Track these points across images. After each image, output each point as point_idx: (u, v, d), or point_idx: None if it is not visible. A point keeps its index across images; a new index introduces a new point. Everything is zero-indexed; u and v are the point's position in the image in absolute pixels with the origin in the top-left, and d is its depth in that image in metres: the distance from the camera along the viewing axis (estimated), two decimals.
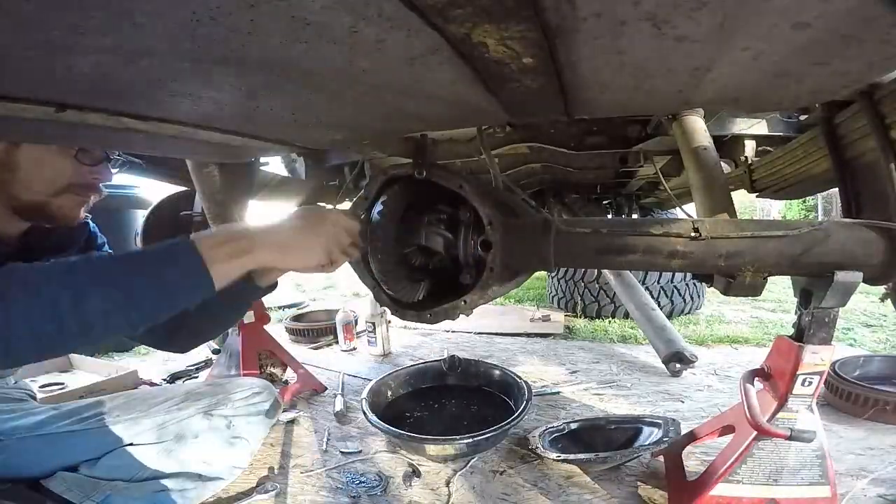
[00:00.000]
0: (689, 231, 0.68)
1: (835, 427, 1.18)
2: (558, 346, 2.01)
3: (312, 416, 1.37)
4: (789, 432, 0.74)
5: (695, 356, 1.60)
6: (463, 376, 1.48)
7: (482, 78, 0.42)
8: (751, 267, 0.68)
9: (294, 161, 1.49)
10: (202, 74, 0.41)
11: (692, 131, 0.90)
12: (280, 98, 0.51)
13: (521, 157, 1.44)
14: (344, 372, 1.72)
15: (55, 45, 0.32)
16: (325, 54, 0.36)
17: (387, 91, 0.47)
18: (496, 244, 0.69)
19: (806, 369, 0.73)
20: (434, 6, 0.28)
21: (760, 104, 0.53)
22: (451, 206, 0.78)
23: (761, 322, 2.35)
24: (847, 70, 0.39)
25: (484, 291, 0.72)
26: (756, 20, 0.30)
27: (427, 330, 2.31)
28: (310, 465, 1.10)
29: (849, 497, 0.90)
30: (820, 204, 10.00)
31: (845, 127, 0.77)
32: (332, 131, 0.70)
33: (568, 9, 0.29)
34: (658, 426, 1.07)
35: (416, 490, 0.99)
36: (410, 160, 0.72)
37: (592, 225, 0.72)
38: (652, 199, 2.28)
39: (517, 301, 3.01)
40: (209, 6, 0.28)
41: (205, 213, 1.28)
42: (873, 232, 0.67)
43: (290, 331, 2.27)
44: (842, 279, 0.67)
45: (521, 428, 1.20)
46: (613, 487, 0.97)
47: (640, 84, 0.44)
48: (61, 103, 0.46)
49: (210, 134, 0.64)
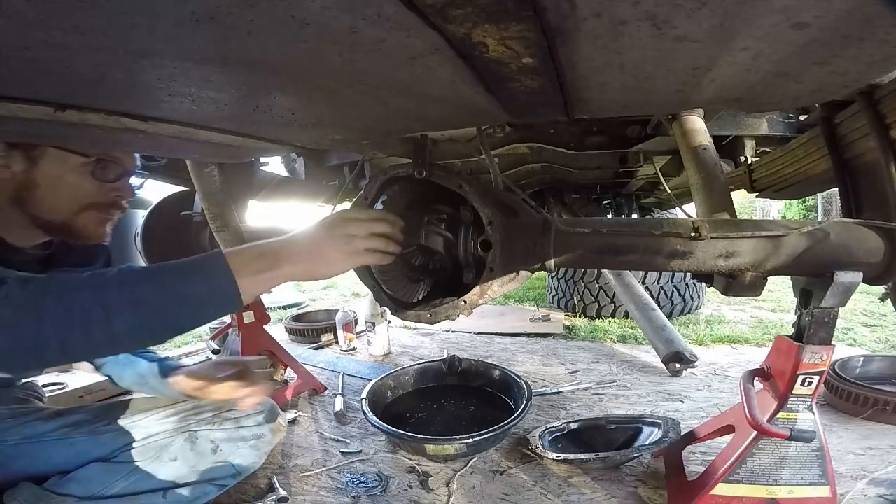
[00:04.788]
0: (689, 231, 0.68)
1: (835, 427, 1.18)
2: (558, 346, 2.02)
3: (312, 416, 1.37)
4: (789, 432, 0.74)
5: (695, 356, 1.61)
6: (463, 376, 1.49)
7: (482, 78, 0.42)
8: (751, 267, 0.68)
9: (294, 161, 1.49)
10: (202, 74, 0.41)
11: (692, 131, 0.90)
12: (280, 98, 0.51)
13: (521, 157, 1.44)
14: (344, 372, 1.72)
15: (55, 45, 0.32)
16: (325, 54, 0.36)
17: (387, 91, 0.47)
18: (496, 244, 0.69)
19: (806, 369, 0.73)
20: (434, 6, 0.28)
21: (760, 104, 0.53)
22: (452, 206, 0.78)
23: (761, 322, 2.35)
24: (847, 70, 0.39)
25: (484, 291, 0.72)
26: (756, 20, 0.30)
27: (427, 330, 2.31)
28: (310, 465, 1.09)
29: (849, 497, 0.90)
30: (820, 204, 10.01)
31: (845, 127, 0.77)
32: (332, 131, 0.70)
33: (568, 9, 0.29)
34: (658, 426, 1.08)
35: (416, 490, 0.99)
36: (410, 160, 0.72)
37: (592, 225, 0.72)
38: (652, 199, 2.28)
39: (517, 301, 3.01)
40: (209, 6, 0.28)
41: (205, 213, 1.28)
42: (873, 232, 0.67)
43: (290, 331, 2.27)
44: (842, 279, 0.67)
45: (521, 428, 1.20)
46: (613, 487, 0.97)
47: (640, 84, 0.44)
48: (61, 103, 0.46)
49: (210, 134, 0.64)
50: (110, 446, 0.82)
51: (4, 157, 0.65)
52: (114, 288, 0.51)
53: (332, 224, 0.63)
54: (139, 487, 0.79)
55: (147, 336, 0.53)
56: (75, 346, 0.50)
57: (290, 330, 2.27)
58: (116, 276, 0.52)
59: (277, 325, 2.40)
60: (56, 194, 0.70)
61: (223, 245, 1.33)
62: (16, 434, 0.79)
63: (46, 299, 0.49)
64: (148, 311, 0.51)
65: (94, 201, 0.73)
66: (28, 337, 0.48)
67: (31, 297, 0.49)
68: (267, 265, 0.58)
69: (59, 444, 0.81)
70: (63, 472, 0.78)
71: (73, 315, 0.49)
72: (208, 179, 1.21)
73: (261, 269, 0.57)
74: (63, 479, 0.77)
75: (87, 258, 0.84)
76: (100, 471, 0.79)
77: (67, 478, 0.77)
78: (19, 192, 0.68)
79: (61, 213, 0.71)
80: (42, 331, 0.48)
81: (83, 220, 0.73)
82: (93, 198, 0.72)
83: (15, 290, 0.49)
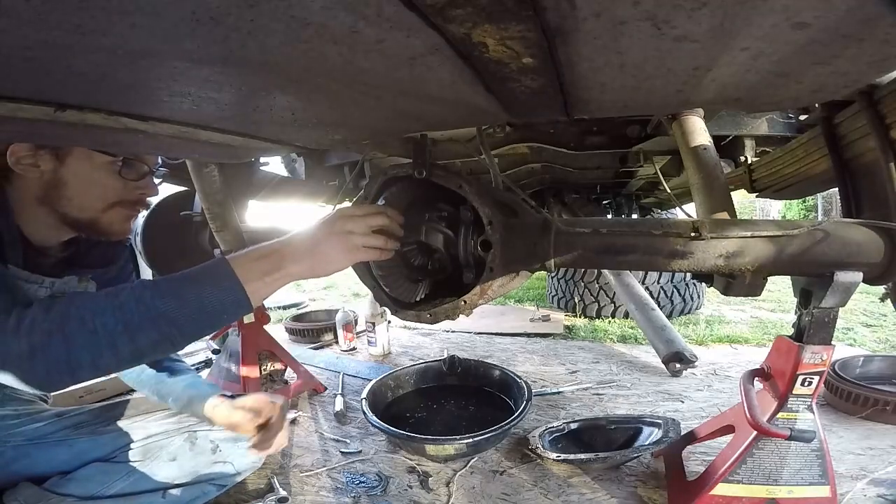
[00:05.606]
0: (689, 231, 0.68)
1: (835, 427, 1.18)
2: (558, 346, 2.02)
3: (312, 416, 1.37)
4: (789, 432, 0.74)
5: (695, 356, 1.61)
6: (463, 376, 1.49)
7: (482, 78, 0.42)
8: (751, 267, 0.68)
9: (294, 161, 1.49)
10: (202, 74, 0.41)
11: (692, 131, 0.90)
12: (280, 98, 0.51)
13: (521, 157, 1.44)
14: (344, 372, 1.72)
15: (55, 45, 0.32)
16: (325, 54, 0.36)
17: (387, 91, 0.47)
18: (496, 244, 0.69)
19: (806, 369, 0.73)
20: (434, 6, 0.28)
21: (760, 104, 0.53)
22: (452, 206, 0.78)
23: (761, 322, 2.35)
24: (847, 70, 0.39)
25: (484, 291, 0.72)
26: (756, 20, 0.30)
27: (427, 330, 2.31)
28: (310, 465, 1.10)
29: (849, 497, 0.90)
30: (820, 204, 10.01)
31: (845, 127, 0.77)
32: (332, 131, 0.70)
33: (568, 9, 0.29)
34: (658, 426, 1.08)
35: (416, 490, 0.99)
36: (410, 160, 0.72)
37: (592, 225, 0.72)
38: (652, 199, 2.28)
39: (517, 301, 3.01)
40: (209, 6, 0.28)
41: (205, 213, 1.28)
42: (873, 232, 0.67)
43: (290, 331, 2.27)
44: (842, 279, 0.67)
45: (521, 428, 1.20)
46: (613, 487, 0.97)
47: (640, 84, 0.44)
48: (61, 103, 0.46)
49: (210, 134, 0.64)
50: (110, 446, 0.83)
51: (33, 157, 0.66)
52: (132, 306, 0.54)
53: (331, 221, 0.64)
54: (138, 487, 0.79)
55: (168, 347, 0.56)
56: (105, 364, 0.54)
57: (290, 330, 2.27)
58: (132, 295, 0.55)
59: (277, 325, 2.40)
60: (84, 192, 0.71)
61: (223, 245, 1.33)
62: (19, 435, 0.79)
63: (71, 324, 0.53)
64: (167, 324, 0.54)
65: (121, 199, 0.74)
66: (62, 361, 0.52)
67: (57, 324, 0.53)
68: (271, 267, 0.59)
69: (60, 445, 0.81)
70: (63, 473, 0.78)
71: (100, 338, 0.52)
72: (208, 179, 1.21)
73: (265, 272, 0.58)
74: (63, 479, 0.77)
75: (110, 257, 0.86)
76: (99, 471, 0.79)
77: (67, 478, 0.77)
78: (47, 190, 0.69)
79: (89, 211, 0.72)
80: (72, 354, 0.52)
81: (109, 218, 0.74)
82: (119, 195, 0.74)
83: (40, 318, 0.53)
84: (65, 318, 0.53)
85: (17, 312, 0.54)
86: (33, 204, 0.70)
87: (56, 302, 0.55)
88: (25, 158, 0.66)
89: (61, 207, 0.71)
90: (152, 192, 0.79)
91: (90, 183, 0.71)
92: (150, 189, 0.79)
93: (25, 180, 0.68)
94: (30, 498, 0.73)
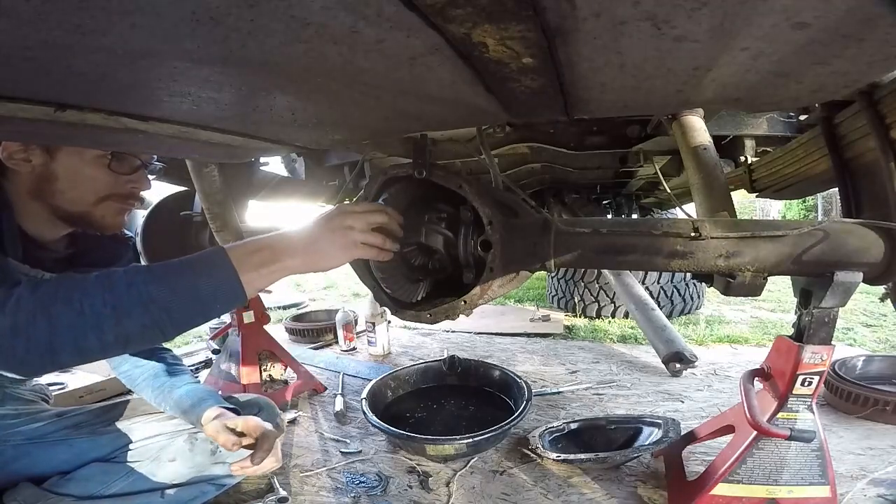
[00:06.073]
0: (689, 231, 0.68)
1: (835, 427, 1.18)
2: (558, 346, 2.02)
3: (312, 416, 1.37)
4: (789, 432, 0.74)
5: (695, 356, 1.61)
6: (463, 376, 1.49)
7: (482, 78, 0.42)
8: (751, 267, 0.68)
9: (294, 161, 1.49)
10: (202, 74, 0.41)
11: (692, 131, 0.90)
12: (280, 98, 0.51)
13: (521, 157, 1.44)
14: (344, 372, 1.72)
15: (55, 45, 0.32)
16: (325, 54, 0.36)
17: (387, 91, 0.47)
18: (496, 244, 0.69)
19: (806, 369, 0.73)
20: (434, 6, 0.28)
21: (760, 104, 0.53)
22: (452, 206, 0.78)
23: (761, 322, 2.35)
24: (847, 70, 0.39)
25: (484, 291, 0.72)
26: (756, 20, 0.30)
27: (427, 330, 2.31)
28: (310, 465, 1.10)
29: (849, 497, 0.90)
30: (820, 204, 10.01)
31: (845, 127, 0.77)
32: (332, 131, 0.70)
33: (568, 9, 0.29)
34: (658, 426, 1.08)
35: (416, 490, 0.99)
36: (410, 160, 0.72)
37: (592, 225, 0.72)
38: (652, 199, 2.28)
39: (517, 301, 3.01)
40: (209, 6, 0.28)
41: (205, 213, 1.28)
42: (873, 232, 0.67)
43: (290, 331, 2.27)
44: (842, 279, 0.67)
45: (521, 428, 1.20)
46: (613, 487, 0.97)
47: (640, 84, 0.44)
48: (61, 103, 0.46)
49: (210, 134, 0.64)
50: (110, 447, 0.83)
51: (24, 151, 0.67)
52: (122, 289, 0.52)
53: (330, 216, 0.63)
54: (137, 487, 0.79)
55: (157, 335, 0.54)
56: (89, 348, 0.51)
57: (290, 330, 2.27)
58: (124, 277, 0.53)
59: (277, 325, 2.40)
60: (75, 186, 0.71)
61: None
62: (19, 435, 0.79)
63: (57, 304, 0.50)
64: (157, 310, 0.52)
65: (112, 192, 0.74)
66: (43, 342, 0.49)
67: (42, 303, 0.50)
68: (267, 258, 0.58)
69: (60, 444, 0.81)
70: (63, 473, 0.78)
71: (85, 319, 0.50)
72: (208, 179, 1.21)
73: (261, 263, 0.57)
74: (62, 479, 0.77)
75: (113, 255, 0.85)
76: (98, 471, 0.79)
77: (66, 478, 0.77)
78: (39, 185, 0.70)
79: (80, 205, 0.73)
80: (55, 335, 0.49)
81: (101, 211, 0.74)
82: (110, 189, 0.74)
83: (26, 296, 0.50)
84: (52, 297, 0.51)
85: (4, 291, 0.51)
86: (27, 198, 0.70)
87: (44, 282, 0.53)
88: (17, 153, 0.66)
89: (53, 201, 0.71)
90: (145, 186, 0.79)
91: (81, 177, 0.71)
92: (142, 183, 0.78)
93: (19, 175, 0.69)
94: (29, 498, 0.73)
